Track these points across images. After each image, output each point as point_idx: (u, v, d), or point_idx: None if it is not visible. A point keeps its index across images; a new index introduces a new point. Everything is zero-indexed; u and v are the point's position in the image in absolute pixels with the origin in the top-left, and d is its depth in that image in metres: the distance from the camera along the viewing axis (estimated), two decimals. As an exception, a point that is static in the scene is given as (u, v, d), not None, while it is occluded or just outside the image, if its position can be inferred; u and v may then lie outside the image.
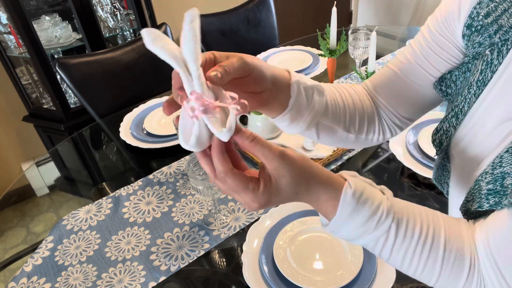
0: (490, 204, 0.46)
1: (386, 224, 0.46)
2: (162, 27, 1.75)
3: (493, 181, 0.46)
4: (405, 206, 0.48)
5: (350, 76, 1.54)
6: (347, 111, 0.61)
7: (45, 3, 2.14)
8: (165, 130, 1.31)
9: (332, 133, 0.61)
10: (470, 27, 0.52)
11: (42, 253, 0.95)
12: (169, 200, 1.06)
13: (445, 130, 0.58)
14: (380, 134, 0.67)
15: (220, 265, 0.89)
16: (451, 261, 0.46)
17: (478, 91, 0.51)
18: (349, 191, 0.45)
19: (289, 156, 0.45)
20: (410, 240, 0.46)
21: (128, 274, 0.88)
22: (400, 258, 0.48)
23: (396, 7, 3.13)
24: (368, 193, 0.46)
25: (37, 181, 1.36)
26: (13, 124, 2.30)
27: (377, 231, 0.46)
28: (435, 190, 1.00)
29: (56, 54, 2.14)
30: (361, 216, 0.45)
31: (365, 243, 0.48)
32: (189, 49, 0.41)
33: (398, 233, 0.46)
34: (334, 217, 0.46)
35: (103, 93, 1.60)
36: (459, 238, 0.47)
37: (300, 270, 0.81)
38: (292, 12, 3.21)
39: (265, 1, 2.00)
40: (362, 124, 0.64)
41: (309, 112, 0.55)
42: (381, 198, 0.46)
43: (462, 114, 0.54)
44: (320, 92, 0.57)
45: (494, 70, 0.49)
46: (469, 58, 0.54)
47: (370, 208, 0.45)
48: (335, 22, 1.28)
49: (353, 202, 0.45)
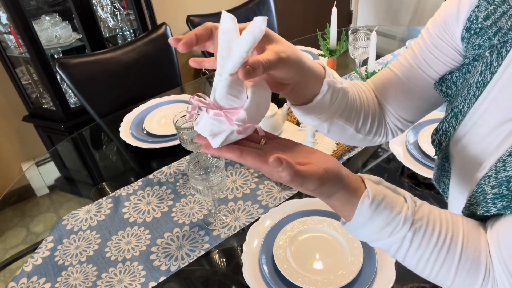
0: (498, 209, 0.46)
1: (401, 234, 0.46)
2: (162, 27, 1.76)
3: (498, 185, 0.46)
4: (427, 212, 0.48)
5: (350, 76, 1.54)
6: (361, 113, 0.62)
7: (45, 3, 2.14)
8: (165, 130, 1.31)
9: (343, 131, 0.61)
10: (469, 30, 0.53)
11: (42, 253, 0.95)
12: (169, 200, 1.06)
13: (445, 130, 0.58)
14: (383, 136, 0.68)
15: (220, 265, 0.89)
16: (466, 270, 0.46)
17: (478, 92, 0.51)
18: (366, 201, 0.45)
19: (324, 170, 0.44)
20: (425, 248, 0.47)
21: (128, 274, 0.88)
22: (414, 263, 0.48)
23: (396, 7, 3.13)
24: (387, 202, 0.46)
25: (37, 181, 1.36)
26: (13, 124, 2.30)
27: (390, 239, 0.47)
28: (435, 190, 0.99)
29: (56, 54, 2.14)
30: (376, 225, 0.46)
31: (380, 246, 0.49)
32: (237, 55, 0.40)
33: (413, 241, 0.47)
34: (349, 222, 0.47)
35: (103, 93, 1.60)
36: (477, 246, 0.47)
37: (300, 270, 0.81)
38: (292, 12, 3.21)
39: (265, 1, 2.00)
40: (372, 126, 0.65)
41: (328, 111, 0.56)
42: (401, 207, 0.47)
43: (462, 114, 0.55)
44: (344, 95, 0.57)
45: (494, 72, 0.49)
46: (469, 59, 0.54)
47: (386, 218, 0.46)
48: (335, 22, 1.28)
49: (369, 211, 0.46)
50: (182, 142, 1.05)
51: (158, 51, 1.74)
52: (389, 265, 0.81)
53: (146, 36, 1.72)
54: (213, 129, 0.43)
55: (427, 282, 0.78)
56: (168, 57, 1.76)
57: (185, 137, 1.02)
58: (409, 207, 0.47)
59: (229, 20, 0.42)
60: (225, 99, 0.42)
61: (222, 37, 0.41)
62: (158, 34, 1.74)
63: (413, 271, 0.50)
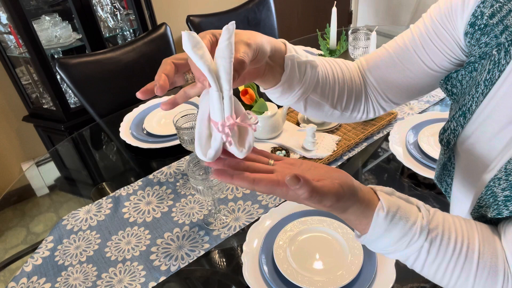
0: (510, 211, 0.46)
1: (418, 244, 0.46)
2: (162, 27, 1.76)
3: (510, 188, 0.46)
4: (441, 221, 0.48)
5: (350, 76, 1.54)
6: (336, 88, 0.62)
7: (45, 3, 2.14)
8: (165, 130, 1.31)
9: (319, 107, 0.62)
10: (474, 25, 0.52)
11: (42, 253, 0.95)
12: (169, 200, 1.06)
13: (453, 129, 0.58)
14: (364, 113, 0.68)
15: (220, 265, 0.89)
16: (484, 276, 0.46)
17: (486, 90, 0.51)
18: (381, 213, 0.45)
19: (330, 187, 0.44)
20: (442, 258, 0.46)
21: (128, 274, 0.88)
22: (432, 273, 0.48)
23: (396, 7, 3.13)
24: (402, 213, 0.46)
25: (37, 181, 1.36)
26: (13, 124, 2.30)
27: (408, 250, 0.47)
28: (435, 190, 0.99)
29: (56, 54, 2.14)
30: (392, 237, 0.46)
31: (398, 257, 0.49)
32: (225, 67, 0.42)
33: (430, 251, 0.46)
34: (366, 235, 0.47)
35: (103, 93, 1.60)
36: (493, 252, 0.47)
37: (300, 270, 0.81)
38: (292, 12, 3.21)
39: (265, 1, 2.00)
40: (349, 102, 0.64)
41: (300, 87, 0.56)
42: (415, 217, 0.46)
43: (470, 113, 0.54)
44: (313, 68, 0.57)
45: (502, 70, 0.49)
46: (476, 57, 0.54)
47: (402, 229, 0.46)
48: (335, 22, 1.28)
49: (385, 223, 0.45)
50: (182, 142, 1.05)
51: (158, 51, 1.74)
52: (389, 265, 0.81)
53: (146, 36, 1.73)
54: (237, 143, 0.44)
55: (427, 282, 0.78)
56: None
57: (185, 137, 1.02)
58: (424, 217, 0.47)
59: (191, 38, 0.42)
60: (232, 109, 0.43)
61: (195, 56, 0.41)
62: (158, 34, 1.74)
63: (431, 280, 0.49)
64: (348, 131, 1.22)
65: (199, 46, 0.42)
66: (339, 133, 1.21)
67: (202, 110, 0.46)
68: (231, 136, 0.43)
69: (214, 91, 0.42)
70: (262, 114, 1.14)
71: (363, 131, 1.20)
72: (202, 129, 0.45)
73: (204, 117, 0.45)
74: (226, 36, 0.42)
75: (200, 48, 0.42)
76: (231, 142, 0.43)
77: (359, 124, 1.24)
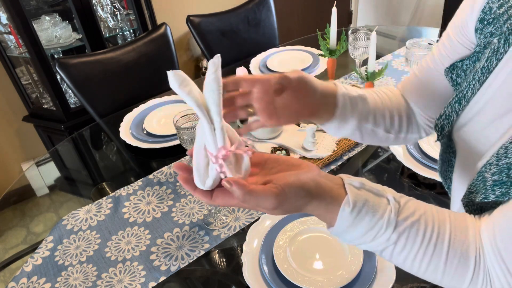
0: (496, 195, 0.46)
1: (384, 237, 0.47)
2: (162, 27, 1.76)
3: (499, 172, 0.46)
4: (412, 211, 0.48)
5: (350, 76, 1.54)
6: (386, 114, 0.66)
7: (45, 3, 2.14)
8: (165, 130, 1.31)
9: (374, 134, 0.66)
10: (483, 20, 0.54)
11: (42, 253, 0.95)
12: (169, 200, 1.06)
13: (447, 115, 0.59)
14: (416, 133, 0.72)
15: (220, 265, 0.89)
16: (454, 265, 0.46)
17: (483, 77, 0.52)
18: (347, 208, 0.46)
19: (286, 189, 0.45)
20: (410, 248, 0.47)
21: (128, 274, 0.88)
22: (401, 262, 0.49)
23: (396, 7, 3.13)
24: (369, 207, 0.46)
25: (37, 181, 1.36)
26: (13, 124, 2.30)
27: (374, 242, 0.47)
28: (435, 190, 1.00)
29: (56, 54, 2.14)
30: (359, 230, 0.47)
31: (366, 249, 0.50)
32: (214, 100, 0.43)
33: (397, 243, 0.47)
34: (332, 228, 0.48)
35: (103, 93, 1.60)
36: (465, 241, 0.47)
37: (300, 270, 0.81)
38: (292, 12, 3.21)
39: (265, 1, 2.00)
40: (400, 125, 0.69)
41: (353, 119, 0.62)
42: (383, 210, 0.47)
43: (465, 100, 0.55)
44: (363, 101, 0.63)
45: (500, 58, 0.49)
46: (481, 47, 0.55)
47: (369, 223, 0.46)
48: (335, 22, 1.28)
49: (351, 218, 0.46)
50: (182, 142, 1.05)
51: (158, 51, 1.74)
52: (389, 265, 0.81)
53: (146, 36, 1.72)
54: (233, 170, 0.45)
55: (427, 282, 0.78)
56: (168, 57, 1.77)
57: (185, 137, 1.02)
58: (392, 209, 0.47)
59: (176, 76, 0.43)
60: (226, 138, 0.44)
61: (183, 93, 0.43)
62: (158, 34, 1.74)
63: (401, 268, 0.50)
64: (348, 131, 1.22)
65: (185, 83, 0.43)
66: (339, 133, 1.21)
67: (198, 140, 0.47)
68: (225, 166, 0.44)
69: (205, 124, 0.44)
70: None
71: (363, 131, 1.20)
72: (199, 158, 0.47)
73: (201, 147, 0.47)
74: (212, 69, 0.43)
75: (187, 85, 0.43)
76: (225, 172, 0.45)
77: (359, 124, 1.24)
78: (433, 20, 2.87)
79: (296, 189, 0.44)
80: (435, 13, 2.80)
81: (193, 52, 2.82)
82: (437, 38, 1.79)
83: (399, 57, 1.63)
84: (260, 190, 0.43)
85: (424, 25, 2.93)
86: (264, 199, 0.43)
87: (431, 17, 2.91)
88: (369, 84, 1.21)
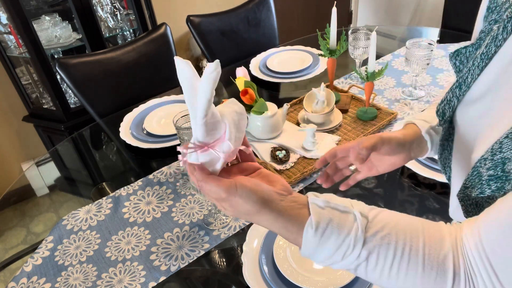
0: (492, 190, 0.45)
1: (354, 254, 0.46)
2: (162, 27, 1.76)
3: (494, 167, 0.45)
4: (381, 226, 0.47)
5: (350, 76, 1.54)
6: None
7: (45, 3, 2.14)
8: (165, 130, 1.31)
9: None
10: (489, 9, 0.55)
11: (42, 253, 0.95)
12: (169, 200, 1.06)
13: (449, 100, 0.59)
14: None
15: (220, 265, 0.89)
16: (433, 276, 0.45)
17: (482, 63, 0.52)
18: (310, 230, 0.46)
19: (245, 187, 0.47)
20: (384, 264, 0.46)
21: (128, 274, 0.88)
22: (377, 278, 0.48)
23: (396, 7, 3.13)
24: (334, 226, 0.46)
25: (37, 181, 1.36)
26: (13, 124, 2.30)
27: (345, 261, 0.47)
28: (435, 190, 0.99)
29: (56, 54, 2.14)
30: (327, 251, 0.46)
31: (340, 268, 0.49)
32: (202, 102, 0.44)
33: (369, 259, 0.46)
34: (301, 250, 0.48)
35: (103, 93, 1.60)
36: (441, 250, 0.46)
37: (300, 270, 0.81)
38: (292, 12, 3.21)
39: (265, 1, 2.00)
40: None
41: None
42: (350, 228, 0.46)
43: (466, 85, 0.55)
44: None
45: (498, 45, 0.50)
46: (484, 34, 0.55)
47: (335, 242, 0.46)
48: (335, 22, 1.28)
49: (316, 239, 0.46)
50: (182, 142, 1.05)
51: (158, 51, 1.74)
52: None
53: (146, 36, 1.72)
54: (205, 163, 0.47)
55: None
56: (168, 57, 1.76)
57: (185, 137, 1.02)
58: (359, 226, 0.46)
59: (185, 65, 0.44)
60: (208, 137, 0.46)
61: (184, 83, 0.45)
62: (158, 34, 1.74)
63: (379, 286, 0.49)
64: (348, 131, 1.22)
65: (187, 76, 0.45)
66: (339, 133, 1.21)
67: None
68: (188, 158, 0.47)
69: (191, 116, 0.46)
70: (262, 114, 1.14)
71: (363, 131, 1.20)
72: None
73: None
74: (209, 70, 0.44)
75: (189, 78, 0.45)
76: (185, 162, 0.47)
77: (359, 124, 1.24)
78: (433, 20, 2.87)
79: (248, 192, 0.46)
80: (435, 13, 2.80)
81: (193, 52, 2.82)
82: (437, 38, 1.80)
83: (399, 57, 1.63)
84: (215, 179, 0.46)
85: (424, 25, 2.93)
86: (214, 188, 0.46)
87: (431, 17, 2.91)
88: (369, 84, 1.21)
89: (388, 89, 1.43)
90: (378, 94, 1.39)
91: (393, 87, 1.44)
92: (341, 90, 1.40)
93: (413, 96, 1.36)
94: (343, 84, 1.49)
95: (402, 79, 1.48)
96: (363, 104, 1.33)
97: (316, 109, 1.24)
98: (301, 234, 0.46)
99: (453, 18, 1.93)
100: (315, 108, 1.24)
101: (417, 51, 1.27)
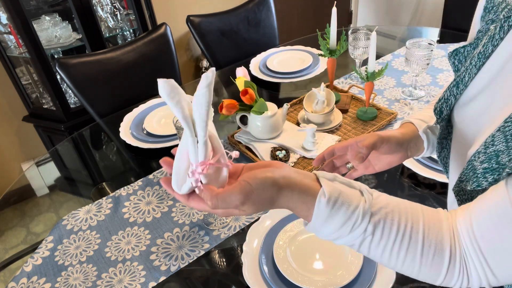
0: (489, 182, 0.46)
1: (361, 228, 0.47)
2: (162, 27, 1.76)
3: (487, 160, 0.46)
4: (385, 204, 0.49)
5: (350, 76, 1.54)
6: None
7: (45, 3, 2.14)
8: (165, 130, 1.31)
9: None
10: (486, 8, 0.56)
11: (42, 253, 0.95)
12: (169, 200, 1.06)
13: (446, 98, 0.60)
14: None
15: (220, 265, 0.89)
16: (431, 256, 0.47)
17: (479, 62, 0.53)
18: (322, 199, 0.46)
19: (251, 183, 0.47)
20: (387, 240, 0.47)
21: (128, 274, 0.88)
22: (379, 255, 0.49)
23: (396, 7, 3.13)
24: (344, 198, 0.47)
25: (37, 181, 1.36)
26: (13, 124, 2.30)
27: (353, 234, 0.48)
28: (435, 190, 0.99)
29: (56, 54, 2.14)
30: (336, 222, 0.47)
31: (344, 243, 0.50)
32: (200, 114, 0.43)
33: (374, 233, 0.47)
34: (310, 222, 0.48)
35: (103, 93, 1.60)
36: (439, 231, 0.48)
37: (300, 270, 0.81)
38: (292, 12, 3.21)
39: (265, 1, 2.00)
40: None
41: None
42: (358, 201, 0.48)
43: (463, 84, 0.56)
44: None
45: (495, 44, 0.50)
46: (482, 34, 0.55)
47: (345, 214, 0.47)
48: (335, 22, 1.28)
49: (327, 209, 0.47)
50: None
51: (158, 51, 1.74)
52: (389, 265, 0.81)
53: (146, 36, 1.72)
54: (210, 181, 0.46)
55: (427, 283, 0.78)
56: (168, 57, 1.76)
57: (185, 137, 1.02)
58: (366, 200, 0.48)
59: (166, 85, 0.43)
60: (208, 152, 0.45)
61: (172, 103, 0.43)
62: (158, 34, 1.74)
63: (379, 263, 0.50)
64: (348, 131, 1.22)
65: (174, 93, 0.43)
66: (339, 133, 1.21)
67: (182, 144, 0.48)
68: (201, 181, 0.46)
69: (188, 137, 0.44)
70: (262, 114, 1.14)
71: (363, 131, 1.20)
72: (181, 162, 0.47)
73: (183, 151, 0.47)
74: (204, 83, 0.43)
75: (175, 95, 0.43)
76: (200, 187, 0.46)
77: (359, 124, 1.24)
78: (433, 20, 2.87)
79: (262, 180, 0.46)
80: (435, 13, 2.80)
81: (193, 52, 2.82)
82: (437, 38, 1.80)
83: (399, 57, 1.63)
84: (225, 190, 0.45)
85: (424, 25, 2.93)
86: (230, 197, 0.45)
87: (431, 17, 2.91)
88: (369, 84, 1.21)
89: (388, 89, 1.43)
90: (378, 94, 1.39)
91: (393, 87, 1.44)
92: (341, 90, 1.40)
93: (413, 96, 1.36)
94: (343, 84, 1.49)
95: (402, 79, 1.48)
96: (363, 104, 1.33)
97: (316, 109, 1.24)
98: (313, 205, 0.47)
99: (453, 18, 1.93)
100: (315, 108, 1.24)
101: (417, 51, 1.26)
